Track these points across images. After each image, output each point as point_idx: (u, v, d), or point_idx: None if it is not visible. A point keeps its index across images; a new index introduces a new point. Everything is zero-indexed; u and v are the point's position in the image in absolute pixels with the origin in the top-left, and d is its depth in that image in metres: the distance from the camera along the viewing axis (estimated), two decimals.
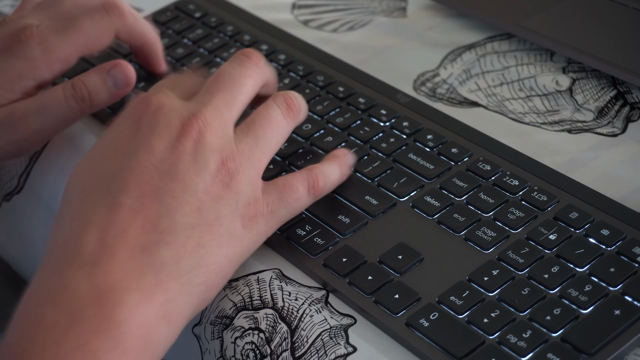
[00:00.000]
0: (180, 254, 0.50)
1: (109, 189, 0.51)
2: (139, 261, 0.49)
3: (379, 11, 0.80)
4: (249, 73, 0.58)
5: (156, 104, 0.54)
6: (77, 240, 0.50)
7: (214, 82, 0.57)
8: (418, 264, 0.55)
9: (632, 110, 0.66)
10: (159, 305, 0.49)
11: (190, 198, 0.52)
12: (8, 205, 0.72)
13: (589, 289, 0.52)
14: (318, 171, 0.57)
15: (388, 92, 0.68)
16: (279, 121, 0.57)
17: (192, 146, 0.53)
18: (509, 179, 0.59)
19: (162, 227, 0.51)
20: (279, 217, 0.55)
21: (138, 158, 0.52)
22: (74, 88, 0.64)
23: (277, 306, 0.55)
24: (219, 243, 0.52)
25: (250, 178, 0.54)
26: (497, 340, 0.50)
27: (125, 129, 0.54)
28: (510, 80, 0.70)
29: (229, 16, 0.78)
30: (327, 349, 0.52)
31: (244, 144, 0.55)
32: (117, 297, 0.48)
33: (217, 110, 0.55)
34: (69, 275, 0.49)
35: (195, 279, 0.51)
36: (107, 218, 0.50)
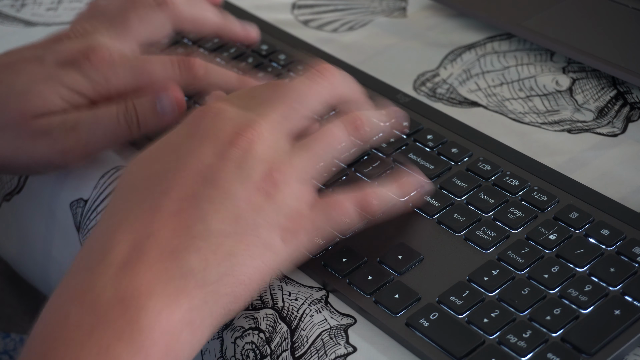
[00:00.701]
0: (209, 261, 0.49)
1: (152, 191, 0.51)
2: (167, 264, 0.49)
3: (379, 11, 0.80)
4: (317, 88, 0.56)
5: (215, 111, 0.54)
6: (110, 238, 0.50)
7: (279, 95, 0.56)
8: (418, 264, 0.55)
9: (632, 110, 0.66)
10: (183, 312, 0.48)
11: (229, 205, 0.51)
12: (8, 205, 0.72)
13: (589, 289, 0.52)
14: (372, 191, 0.55)
15: (388, 92, 0.68)
16: (339, 138, 0.55)
17: (241, 155, 0.52)
18: (509, 179, 0.59)
19: (195, 231, 0.50)
20: (321, 234, 0.54)
21: (185, 162, 0.52)
22: (126, 109, 0.64)
23: (277, 306, 0.55)
24: (252, 254, 0.51)
25: (297, 191, 0.53)
26: (497, 340, 0.50)
27: (182, 132, 0.54)
28: (510, 80, 0.70)
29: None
30: (327, 349, 0.52)
31: (297, 157, 0.53)
32: (141, 301, 0.48)
33: (273, 122, 0.54)
34: (96, 274, 0.49)
35: (222, 288, 0.50)
36: (144, 219, 0.50)
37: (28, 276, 0.75)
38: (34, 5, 0.85)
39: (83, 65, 0.64)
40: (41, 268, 0.71)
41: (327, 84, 0.57)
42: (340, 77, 0.57)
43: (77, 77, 0.64)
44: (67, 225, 0.67)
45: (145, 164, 0.53)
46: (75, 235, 0.67)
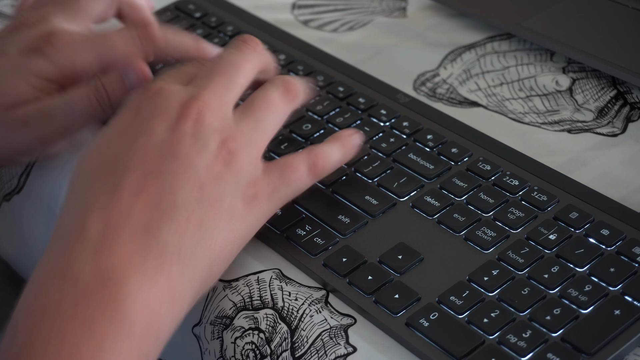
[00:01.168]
0: (182, 232, 0.51)
1: (112, 172, 0.52)
2: (142, 241, 0.50)
3: (379, 11, 0.80)
4: (246, 57, 0.58)
5: (155, 89, 0.55)
6: (81, 222, 0.50)
7: (212, 67, 0.57)
8: (418, 264, 0.55)
9: (632, 110, 0.66)
10: (162, 287, 0.49)
11: (191, 176, 0.52)
12: (8, 205, 0.72)
13: (589, 289, 0.52)
14: (319, 151, 0.57)
15: (388, 92, 0.68)
16: (278, 103, 0.57)
17: (192, 126, 0.53)
18: (509, 179, 0.59)
19: (164, 205, 0.51)
20: (280, 197, 0.55)
21: (139, 141, 0.53)
22: (96, 88, 0.64)
23: (277, 306, 0.55)
24: (220, 221, 0.52)
25: (250, 158, 0.54)
26: (497, 340, 0.50)
27: (126, 116, 0.55)
28: (510, 80, 0.70)
29: (229, 16, 0.78)
30: (327, 349, 0.52)
31: (244, 125, 0.55)
32: (120, 280, 0.48)
33: (215, 92, 0.55)
34: (73, 255, 0.49)
35: (196, 259, 0.51)
36: (110, 200, 0.51)
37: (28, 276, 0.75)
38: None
39: (47, 50, 0.65)
40: None
41: (256, 53, 0.59)
42: (262, 47, 0.60)
43: (43, 64, 0.65)
44: None
45: (97, 152, 0.54)
46: None
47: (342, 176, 0.61)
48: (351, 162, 0.62)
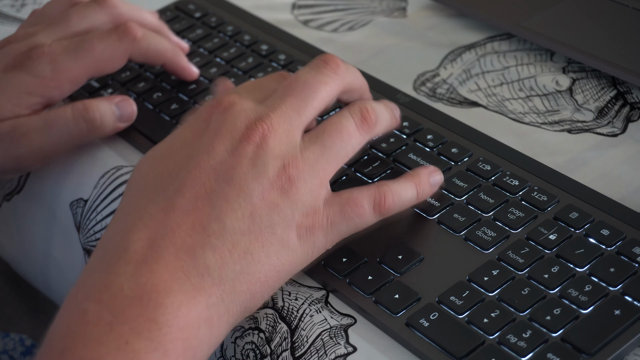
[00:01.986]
0: (225, 260, 0.50)
1: (166, 189, 0.51)
2: (184, 262, 0.49)
3: (379, 11, 0.80)
4: (324, 79, 0.56)
5: (226, 104, 0.54)
6: (126, 237, 0.50)
7: (287, 87, 0.55)
8: (418, 264, 0.55)
9: (632, 110, 0.66)
10: (200, 309, 0.49)
11: (243, 203, 0.51)
12: (8, 205, 0.72)
13: (589, 289, 0.52)
14: (387, 188, 0.55)
15: (388, 92, 0.68)
16: (351, 132, 0.55)
17: (253, 150, 0.52)
18: (509, 179, 0.59)
19: (210, 229, 0.50)
20: (339, 232, 0.54)
21: (198, 159, 0.52)
22: (85, 109, 0.64)
23: (277, 306, 0.55)
24: (267, 252, 0.51)
25: (311, 187, 0.53)
26: (497, 340, 0.50)
27: (194, 127, 0.54)
28: (510, 80, 0.70)
29: (229, 16, 0.78)
30: (327, 349, 0.52)
31: (310, 152, 0.53)
32: (159, 299, 0.48)
33: (284, 115, 0.53)
34: (114, 273, 0.49)
35: (238, 286, 0.50)
36: (159, 218, 0.50)
37: (28, 276, 0.75)
38: (34, 5, 0.85)
39: (26, 64, 0.64)
40: (41, 268, 0.71)
41: (335, 75, 0.56)
42: (346, 68, 0.57)
43: (23, 77, 0.64)
44: (67, 225, 0.67)
45: (157, 161, 0.53)
46: (75, 235, 0.67)
47: (342, 176, 0.61)
48: (351, 162, 0.62)
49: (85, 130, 0.64)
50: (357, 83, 0.59)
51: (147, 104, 0.70)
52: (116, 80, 0.72)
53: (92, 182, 0.66)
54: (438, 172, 0.58)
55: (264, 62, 0.72)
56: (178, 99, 0.70)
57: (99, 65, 0.66)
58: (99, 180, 0.66)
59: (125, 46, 0.66)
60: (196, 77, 0.71)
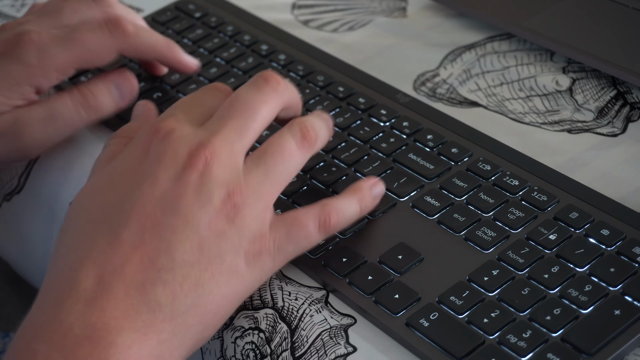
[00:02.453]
0: (176, 294, 0.49)
1: (110, 222, 0.50)
2: (135, 299, 0.48)
3: (379, 11, 0.80)
4: (264, 98, 0.55)
5: (165, 131, 0.53)
6: (74, 274, 0.49)
7: (228, 107, 0.54)
8: (418, 264, 0.55)
9: (632, 110, 0.66)
10: (152, 346, 0.48)
11: (190, 234, 0.50)
12: (8, 205, 0.72)
13: (589, 289, 0.52)
14: (331, 207, 0.54)
15: (388, 92, 0.68)
16: (292, 152, 0.54)
17: (197, 178, 0.51)
18: (509, 179, 0.59)
19: (160, 264, 0.49)
20: (286, 254, 0.53)
21: (141, 190, 0.51)
22: (82, 95, 0.64)
23: (277, 306, 0.55)
24: (218, 282, 0.50)
25: (256, 212, 0.52)
26: (497, 340, 0.50)
27: (133, 156, 0.53)
28: (510, 80, 0.70)
29: (229, 16, 0.78)
30: (327, 349, 0.52)
31: (253, 176, 0.53)
32: (110, 337, 0.47)
33: (226, 139, 0.53)
34: (64, 312, 0.48)
35: (190, 319, 0.50)
36: (106, 253, 0.49)
37: (28, 276, 0.75)
38: None
39: (14, 52, 0.64)
40: (41, 268, 0.71)
41: (275, 93, 0.56)
42: (285, 85, 0.56)
43: (11, 66, 0.64)
44: None
45: (97, 194, 0.52)
46: None
47: (342, 176, 0.61)
48: (351, 162, 0.62)
49: (86, 117, 0.64)
50: (294, 100, 0.58)
51: None
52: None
53: None
54: (379, 184, 0.57)
55: (264, 62, 0.72)
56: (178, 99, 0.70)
57: (87, 57, 0.65)
58: None
59: (115, 40, 0.65)
60: (196, 67, 0.70)
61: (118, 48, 0.66)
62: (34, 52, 0.64)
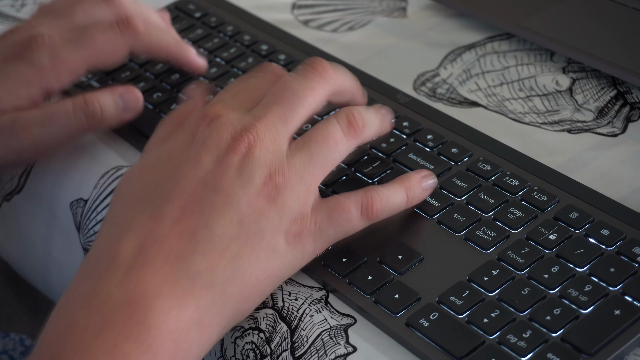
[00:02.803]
0: (215, 264, 0.50)
1: (154, 199, 0.52)
2: (174, 267, 0.49)
3: (379, 11, 0.80)
4: (311, 84, 0.56)
5: (212, 116, 0.54)
6: (115, 245, 0.50)
7: (274, 94, 0.55)
8: (418, 264, 0.55)
9: (632, 110, 0.66)
10: (191, 311, 0.49)
11: (231, 210, 0.51)
12: (8, 205, 0.72)
13: (589, 289, 0.52)
14: (375, 193, 0.55)
15: (388, 92, 0.68)
16: (337, 139, 0.55)
17: (239, 160, 0.52)
18: (509, 179, 0.59)
19: (199, 235, 0.50)
20: (327, 237, 0.54)
21: (185, 170, 0.52)
22: (86, 102, 0.64)
23: (277, 306, 0.55)
24: (257, 256, 0.51)
25: (298, 194, 0.53)
26: (497, 340, 0.50)
27: (180, 140, 0.54)
28: (510, 80, 0.70)
29: (229, 16, 0.78)
30: (327, 349, 0.52)
31: (296, 159, 0.53)
32: (149, 302, 0.48)
33: (271, 124, 0.53)
34: (103, 280, 0.49)
35: (229, 289, 0.50)
36: (147, 226, 0.50)
37: (28, 276, 0.75)
38: (34, 5, 0.85)
39: (25, 54, 0.64)
40: (41, 268, 0.71)
41: (322, 80, 0.56)
42: (333, 71, 0.57)
43: (21, 68, 0.64)
44: (67, 225, 0.67)
45: (144, 173, 0.54)
46: (75, 235, 0.67)
47: (342, 176, 0.61)
48: (351, 162, 0.62)
49: (86, 124, 0.64)
50: (347, 85, 0.58)
51: (147, 104, 0.70)
52: (116, 80, 0.72)
53: (92, 182, 0.66)
54: (431, 176, 0.58)
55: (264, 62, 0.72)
56: (178, 98, 0.70)
57: (99, 57, 0.66)
58: (99, 180, 0.66)
59: (126, 39, 0.66)
60: (205, 69, 0.71)
61: (129, 47, 0.66)
62: (45, 54, 0.64)
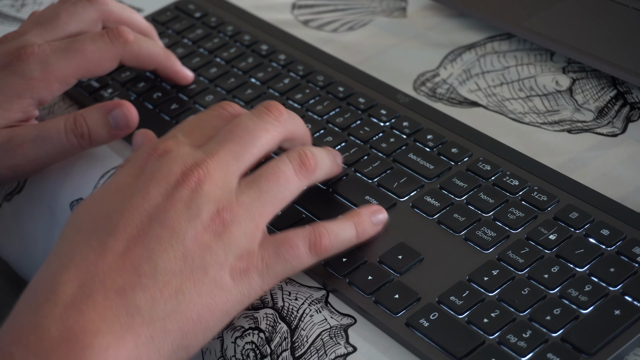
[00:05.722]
0: (156, 299, 0.49)
1: (98, 231, 0.51)
2: (114, 302, 0.48)
3: (379, 11, 0.80)
4: (265, 126, 0.55)
5: (162, 150, 0.54)
6: (55, 278, 0.49)
7: (227, 132, 0.55)
8: (418, 264, 0.55)
9: (632, 110, 0.66)
10: (129, 349, 0.48)
11: (175, 244, 0.50)
12: (8, 205, 0.72)
13: (589, 289, 0.52)
14: (324, 229, 0.54)
15: (388, 92, 0.68)
16: (289, 177, 0.54)
17: (188, 195, 0.51)
18: (509, 179, 0.59)
19: (142, 270, 0.49)
20: (275, 273, 0.53)
21: (132, 202, 0.51)
22: (75, 123, 0.64)
23: (277, 306, 0.55)
24: (199, 292, 0.50)
25: (246, 230, 0.52)
26: (497, 340, 0.50)
27: (129, 172, 0.53)
28: (510, 80, 0.70)
29: (229, 16, 0.78)
30: (327, 349, 0.52)
31: (245, 196, 0.53)
32: (86, 340, 0.47)
33: (222, 161, 0.53)
34: (42, 315, 0.48)
35: (169, 325, 0.49)
36: (90, 259, 0.50)
37: (28, 276, 0.75)
38: (34, 5, 0.85)
39: (15, 65, 0.64)
40: None
41: (277, 123, 0.56)
42: (288, 116, 0.57)
43: (12, 79, 0.64)
44: None
45: (91, 206, 0.53)
46: None
47: (342, 176, 0.61)
48: (351, 162, 0.62)
49: (77, 144, 0.64)
50: (299, 131, 0.58)
51: (147, 104, 0.70)
52: (116, 80, 0.73)
53: (92, 182, 0.66)
54: (381, 211, 0.57)
55: (264, 62, 0.72)
56: (178, 99, 0.70)
57: (89, 67, 0.65)
58: (99, 181, 0.66)
59: (116, 49, 0.66)
60: (190, 80, 0.71)
61: (119, 57, 0.66)
62: (35, 65, 0.64)
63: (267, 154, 0.56)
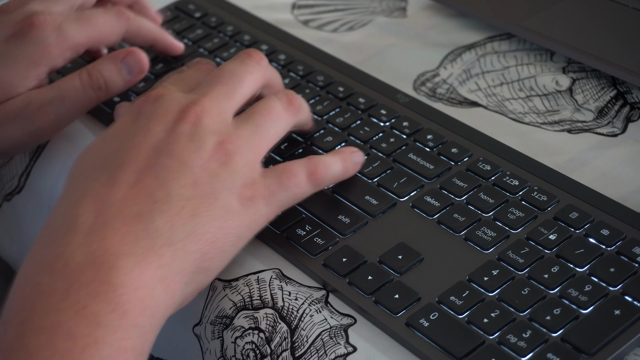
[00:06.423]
0: (174, 222, 0.51)
1: (107, 167, 0.53)
2: (134, 227, 0.50)
3: (379, 11, 0.80)
4: (249, 69, 0.59)
5: (155, 95, 0.56)
6: (73, 211, 0.51)
7: (214, 77, 0.58)
8: (418, 264, 0.55)
9: (632, 110, 0.66)
10: (154, 268, 0.50)
11: (186, 172, 0.53)
12: (8, 205, 0.72)
13: (589, 289, 0.52)
14: (319, 159, 0.57)
15: (388, 92, 0.68)
16: (279, 113, 0.57)
17: (189, 128, 0.54)
18: (509, 179, 0.59)
19: (156, 197, 0.51)
20: (279, 201, 0.55)
21: (136, 140, 0.53)
22: (90, 77, 0.65)
23: (277, 306, 0.55)
24: (213, 215, 0.52)
25: (247, 160, 0.55)
26: (497, 340, 0.50)
27: (126, 119, 0.56)
28: (510, 80, 0.70)
29: (229, 16, 0.78)
30: (327, 349, 0.52)
31: (243, 130, 0.56)
32: (112, 261, 0.49)
33: (215, 99, 0.56)
34: (64, 244, 0.49)
35: (189, 246, 0.51)
36: (103, 191, 0.51)
37: None
38: None
39: (29, 33, 0.65)
40: None
41: (259, 66, 0.59)
42: (267, 61, 0.60)
43: (27, 47, 0.65)
44: None
45: (94, 150, 0.55)
46: None
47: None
48: None
49: (95, 97, 0.65)
50: (277, 80, 0.62)
51: None
52: None
53: None
54: (360, 153, 0.60)
55: None
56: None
57: (99, 37, 0.67)
58: None
59: (121, 24, 0.68)
60: (182, 50, 0.73)
61: (123, 31, 0.68)
62: (50, 32, 0.65)
63: (254, 96, 0.59)
